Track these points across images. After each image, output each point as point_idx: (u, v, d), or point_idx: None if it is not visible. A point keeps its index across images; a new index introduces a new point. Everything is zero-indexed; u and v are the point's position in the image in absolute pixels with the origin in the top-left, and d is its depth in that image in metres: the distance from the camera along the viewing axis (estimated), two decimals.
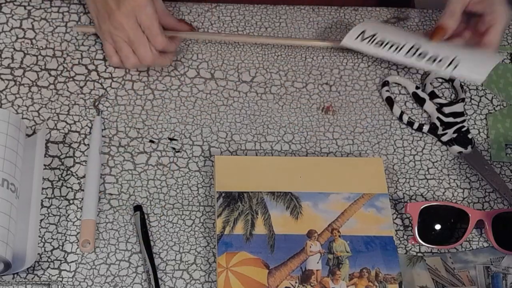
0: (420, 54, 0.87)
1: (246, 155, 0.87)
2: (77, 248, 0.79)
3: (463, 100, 0.92)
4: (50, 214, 0.81)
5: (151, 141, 0.87)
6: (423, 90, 0.93)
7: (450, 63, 0.86)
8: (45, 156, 0.84)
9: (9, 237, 0.74)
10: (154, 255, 0.79)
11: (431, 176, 0.88)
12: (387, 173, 0.88)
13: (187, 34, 0.92)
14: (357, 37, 0.90)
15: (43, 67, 0.90)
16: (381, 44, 0.89)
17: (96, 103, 0.88)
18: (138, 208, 0.81)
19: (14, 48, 0.91)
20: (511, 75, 0.97)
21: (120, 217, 0.81)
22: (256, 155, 0.87)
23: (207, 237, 0.81)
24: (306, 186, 0.83)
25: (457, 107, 0.91)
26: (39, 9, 0.94)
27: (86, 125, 0.87)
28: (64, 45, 0.92)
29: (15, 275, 0.77)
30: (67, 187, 0.83)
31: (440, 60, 0.86)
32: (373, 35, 0.90)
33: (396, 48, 0.88)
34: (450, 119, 0.90)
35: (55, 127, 0.86)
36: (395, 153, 0.89)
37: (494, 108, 0.94)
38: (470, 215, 0.82)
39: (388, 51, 0.89)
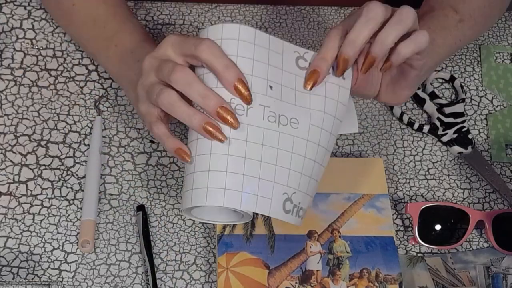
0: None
1: None
2: (77, 248, 0.79)
3: (463, 100, 0.92)
4: (50, 214, 0.81)
5: (151, 141, 0.87)
6: (423, 91, 0.93)
7: None
8: (45, 156, 0.84)
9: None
10: (154, 255, 0.79)
11: (431, 177, 0.88)
12: (387, 173, 0.88)
13: None
14: None
15: (43, 67, 0.90)
16: None
17: (97, 103, 0.88)
18: (140, 208, 0.81)
19: (14, 48, 0.91)
20: (511, 75, 0.97)
21: (120, 217, 0.82)
22: None
23: (207, 237, 0.81)
24: None
25: (458, 108, 0.91)
26: (39, 9, 0.94)
27: (86, 125, 0.87)
28: (64, 45, 0.92)
29: (15, 275, 0.77)
30: (67, 187, 0.83)
31: None
32: None
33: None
34: (451, 120, 0.90)
35: (55, 127, 0.86)
36: (395, 154, 0.89)
37: (494, 109, 0.94)
38: (470, 215, 0.82)
39: None
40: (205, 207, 0.67)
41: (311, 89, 0.67)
